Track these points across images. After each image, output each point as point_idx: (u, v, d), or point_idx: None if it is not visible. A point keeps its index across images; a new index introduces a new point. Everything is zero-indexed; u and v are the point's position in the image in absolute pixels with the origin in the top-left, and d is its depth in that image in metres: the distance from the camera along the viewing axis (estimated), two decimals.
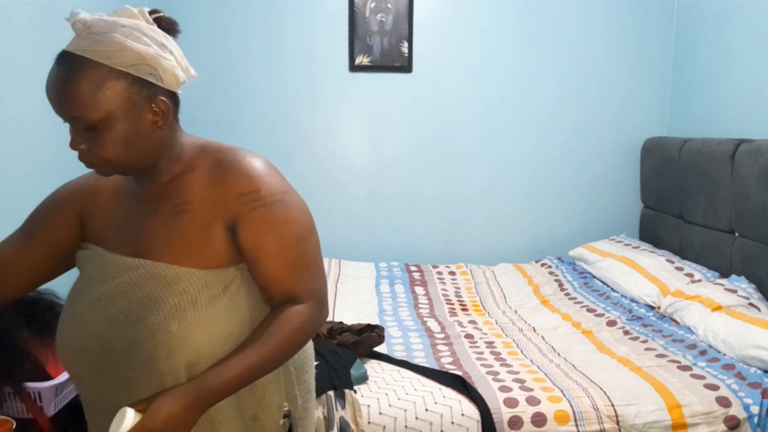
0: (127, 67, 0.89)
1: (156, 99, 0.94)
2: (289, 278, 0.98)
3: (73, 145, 0.93)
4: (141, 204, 1.02)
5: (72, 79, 0.88)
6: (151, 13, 0.96)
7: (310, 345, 1.17)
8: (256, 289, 1.02)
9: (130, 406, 0.85)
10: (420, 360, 2.03)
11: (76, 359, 0.98)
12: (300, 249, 0.99)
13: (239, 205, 0.96)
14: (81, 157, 0.94)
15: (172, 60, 0.94)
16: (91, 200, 1.09)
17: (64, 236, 1.09)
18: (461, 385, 1.81)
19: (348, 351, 1.91)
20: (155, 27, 0.95)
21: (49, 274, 1.12)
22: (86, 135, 0.91)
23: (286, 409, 1.07)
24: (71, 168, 2.45)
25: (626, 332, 2.30)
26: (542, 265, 3.17)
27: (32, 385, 1.39)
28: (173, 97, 0.98)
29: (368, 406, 1.71)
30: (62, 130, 0.92)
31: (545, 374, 1.93)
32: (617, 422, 1.70)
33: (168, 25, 0.98)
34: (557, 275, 3.03)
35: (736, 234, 2.49)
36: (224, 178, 0.97)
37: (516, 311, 2.63)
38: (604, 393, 1.78)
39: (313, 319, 1.00)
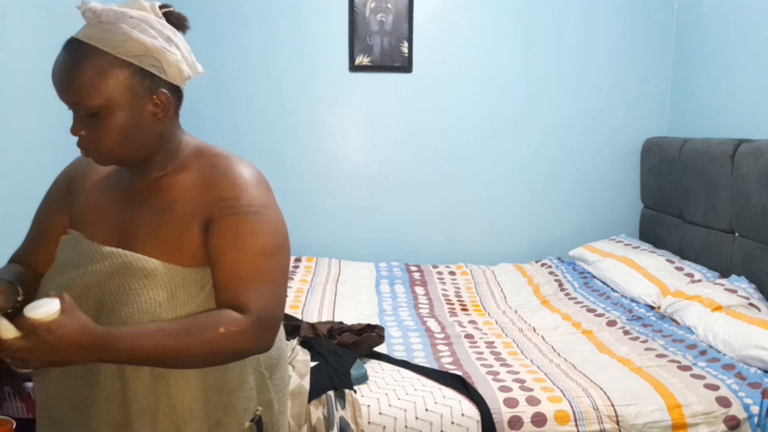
0: (131, 57, 0.90)
1: (158, 91, 0.94)
2: (235, 287, 0.94)
3: (74, 130, 0.93)
4: (129, 196, 1.02)
5: (76, 65, 0.89)
6: (161, 7, 0.97)
7: (282, 339, 1.14)
8: None
9: (59, 296, 0.81)
10: (420, 360, 2.02)
11: None
12: (257, 263, 0.95)
13: (216, 209, 0.96)
14: (79, 144, 0.94)
15: (177, 54, 0.95)
16: (78, 182, 1.09)
17: (67, 226, 1.09)
18: (461, 385, 1.81)
19: (348, 351, 1.91)
20: (164, 21, 0.96)
21: None
22: (87, 121, 0.92)
23: (258, 412, 1.05)
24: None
25: (626, 332, 2.30)
26: (542, 265, 3.17)
27: (32, 385, 1.39)
28: (176, 92, 0.98)
29: (368, 406, 1.71)
30: (62, 130, 0.92)
31: (545, 374, 1.92)
32: (617, 422, 1.70)
33: (177, 20, 0.99)
34: (557, 275, 3.03)
35: (736, 234, 2.49)
36: (212, 181, 0.98)
37: (516, 311, 2.63)
38: (604, 393, 1.78)
39: (246, 335, 0.91)
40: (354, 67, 3.22)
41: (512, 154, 3.31)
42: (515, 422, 1.69)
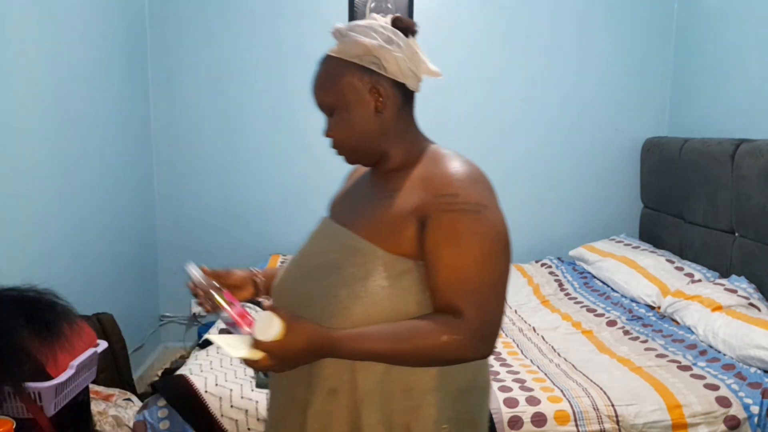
0: (353, 57, 1.02)
1: (379, 86, 1.03)
2: (454, 292, 0.94)
3: (324, 133, 1.08)
4: (366, 186, 1.13)
5: (318, 72, 1.07)
6: (395, 18, 1.06)
7: (483, 379, 1.09)
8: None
9: (275, 311, 0.88)
10: None
11: (277, 304, 1.04)
12: (476, 267, 0.94)
13: (433, 204, 0.96)
14: (331, 145, 1.09)
15: (398, 52, 1.02)
16: (346, 181, 1.25)
17: None
18: None
19: None
20: (386, 25, 1.04)
21: None
22: (330, 122, 1.07)
23: (445, 428, 1.00)
24: (70, 169, 2.45)
25: (626, 332, 2.30)
26: (542, 265, 3.17)
27: (32, 385, 1.39)
28: (402, 89, 1.06)
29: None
30: (62, 131, 0.92)
31: (545, 374, 1.92)
32: (617, 422, 1.70)
33: (403, 25, 1.05)
34: (557, 275, 3.03)
35: (736, 234, 2.49)
36: (430, 177, 1.01)
37: (516, 311, 2.63)
38: (604, 393, 1.78)
39: (465, 343, 0.92)
40: None
41: (512, 154, 3.31)
42: (515, 422, 1.69)
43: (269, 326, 0.86)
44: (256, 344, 0.86)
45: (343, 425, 0.99)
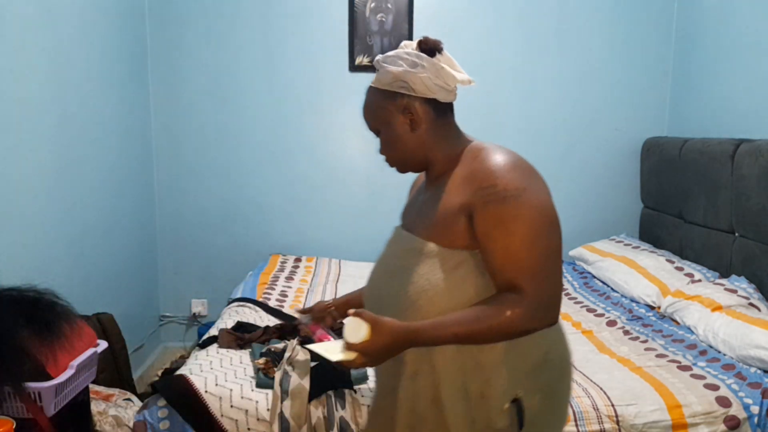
0: (386, 85, 1.18)
1: (410, 106, 1.16)
2: (509, 271, 1.05)
3: (379, 151, 1.24)
4: (422, 193, 1.27)
5: (364, 101, 1.24)
6: (421, 41, 1.18)
7: (558, 353, 1.19)
8: (487, 275, 1.10)
9: (360, 315, 1.02)
10: None
11: (366, 304, 1.27)
12: (526, 246, 1.04)
13: (477, 197, 1.08)
14: (384, 160, 1.25)
15: (423, 73, 1.15)
16: (412, 190, 1.40)
17: None
18: None
19: None
20: (410, 50, 1.17)
21: None
22: (380, 142, 1.23)
23: (519, 394, 1.11)
24: (70, 169, 2.44)
25: (626, 332, 2.30)
26: None
27: (32, 385, 1.39)
28: (436, 104, 1.17)
29: (368, 406, 1.71)
30: (61, 131, 0.92)
31: None
32: (617, 422, 1.70)
33: (428, 46, 1.17)
34: None
35: (736, 234, 2.49)
36: (473, 172, 1.12)
37: None
38: (604, 393, 1.78)
39: (527, 315, 1.03)
40: (354, 67, 3.22)
41: None
42: None
43: (357, 329, 1.00)
44: (349, 346, 1.00)
45: (426, 400, 1.14)
